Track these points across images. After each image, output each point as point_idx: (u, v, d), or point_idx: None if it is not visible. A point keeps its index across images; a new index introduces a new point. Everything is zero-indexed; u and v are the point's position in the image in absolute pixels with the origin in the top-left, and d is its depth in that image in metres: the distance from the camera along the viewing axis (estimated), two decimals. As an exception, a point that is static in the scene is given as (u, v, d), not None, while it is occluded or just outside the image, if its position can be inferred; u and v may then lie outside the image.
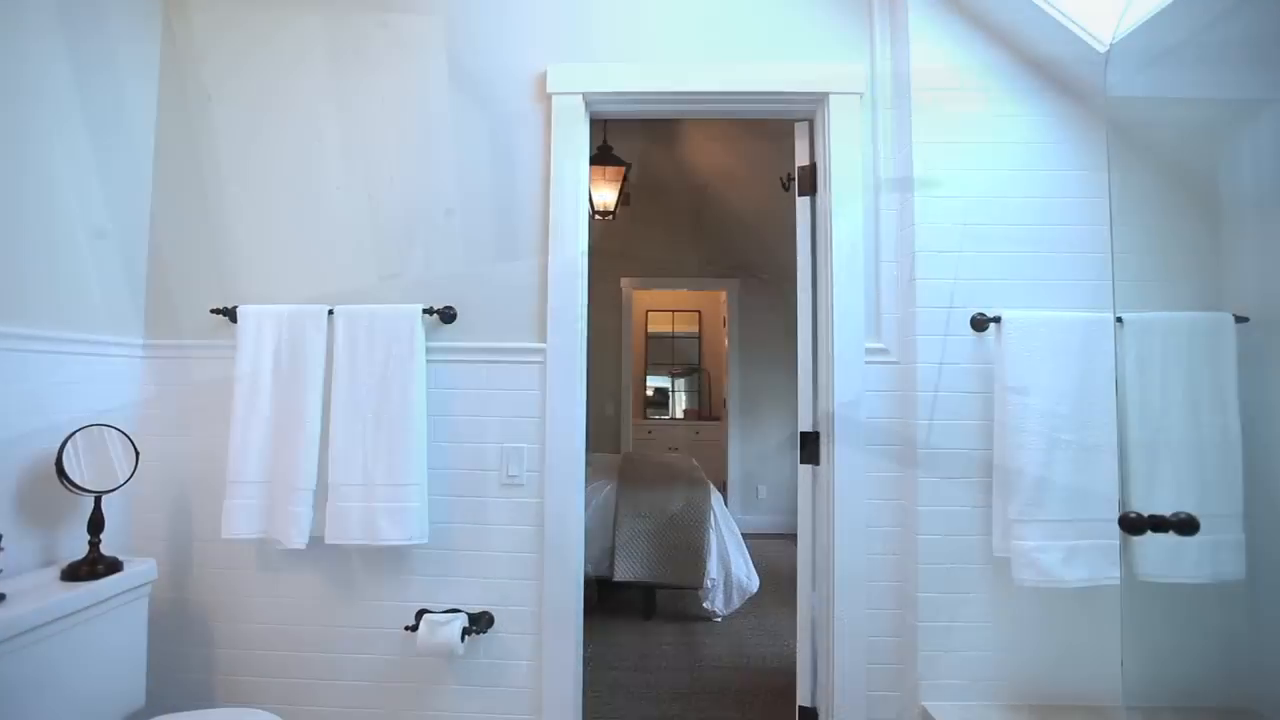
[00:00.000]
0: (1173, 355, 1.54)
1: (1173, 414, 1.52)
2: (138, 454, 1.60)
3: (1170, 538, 1.15)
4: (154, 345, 1.80)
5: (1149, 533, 1.15)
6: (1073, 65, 1.61)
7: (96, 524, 1.50)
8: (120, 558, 1.54)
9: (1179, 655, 1.57)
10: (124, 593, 1.48)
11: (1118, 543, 1.48)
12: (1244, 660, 1.54)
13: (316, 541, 1.67)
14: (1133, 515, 1.17)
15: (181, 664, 1.75)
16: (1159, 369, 1.54)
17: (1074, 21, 1.52)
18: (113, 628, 1.46)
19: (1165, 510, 1.17)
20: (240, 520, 1.65)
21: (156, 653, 1.69)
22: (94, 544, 1.49)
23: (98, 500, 1.51)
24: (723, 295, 5.93)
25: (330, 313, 1.72)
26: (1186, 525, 1.11)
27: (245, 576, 1.76)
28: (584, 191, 1.80)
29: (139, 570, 1.53)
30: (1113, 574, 1.50)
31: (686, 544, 3.14)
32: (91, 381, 1.63)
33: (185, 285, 1.81)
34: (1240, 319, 1.54)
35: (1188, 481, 1.50)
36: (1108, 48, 1.47)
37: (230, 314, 1.74)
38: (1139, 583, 1.49)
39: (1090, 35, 1.51)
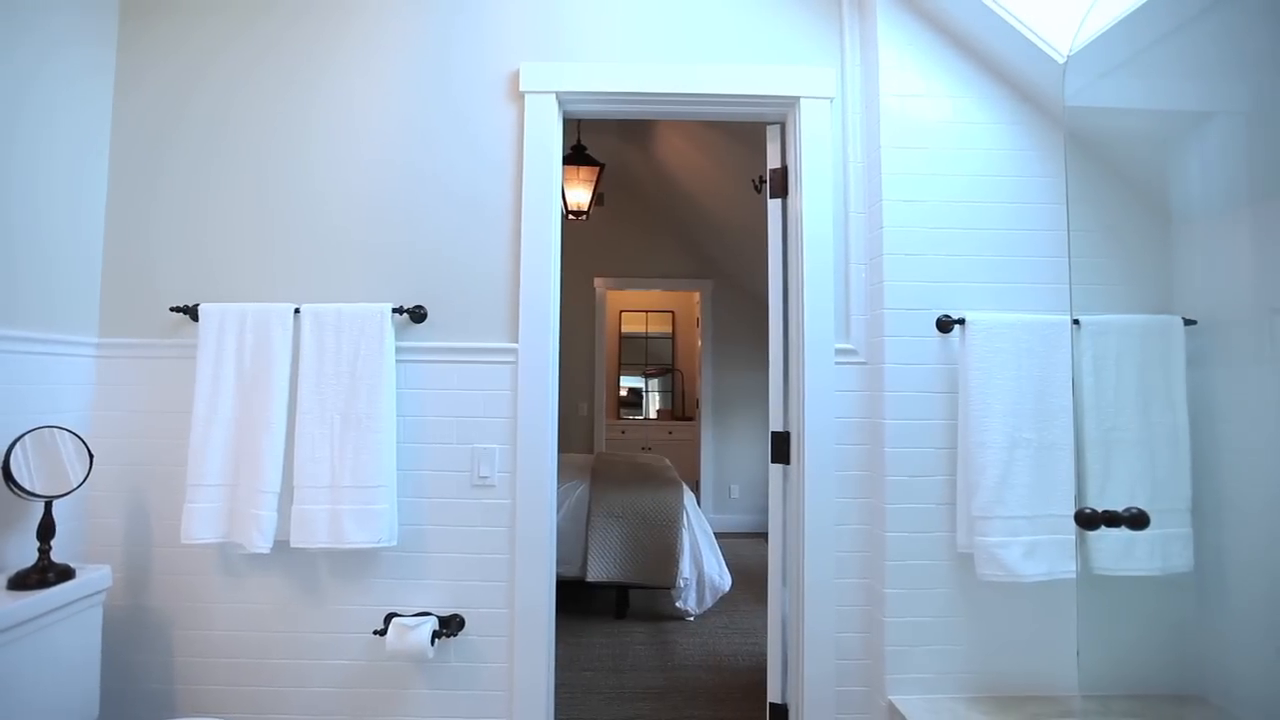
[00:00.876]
0: (1126, 356, 1.60)
1: (1126, 413, 1.58)
2: (91, 457, 1.55)
3: (1123, 532, 1.20)
4: (109, 344, 1.73)
5: (1103, 528, 1.19)
6: (1034, 75, 1.66)
7: (47, 530, 1.44)
8: (72, 565, 1.48)
9: (1132, 645, 1.63)
10: (76, 601, 1.43)
11: (1074, 538, 1.53)
12: (1192, 648, 1.61)
13: (281, 545, 1.63)
14: (1088, 511, 1.21)
15: (139, 673, 1.69)
16: (1113, 370, 1.60)
17: (1034, 33, 1.57)
18: (64, 638, 1.41)
19: (1118, 506, 1.22)
20: (201, 524, 1.60)
21: (112, 662, 1.64)
22: (44, 551, 1.43)
23: (48, 505, 1.45)
24: (696, 296, 5.96)
25: (296, 311, 1.68)
26: (1137, 520, 1.16)
27: (206, 582, 1.71)
28: (557, 191, 1.79)
29: (92, 577, 1.48)
30: (1070, 568, 1.56)
31: (659, 544, 3.15)
32: (42, 381, 1.57)
33: (144, 282, 1.75)
34: (1189, 322, 1.61)
35: (1139, 478, 1.56)
36: (1065, 59, 1.52)
37: (191, 312, 1.70)
38: (1094, 576, 1.55)
39: (1050, 46, 1.56)
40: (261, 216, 1.77)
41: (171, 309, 1.71)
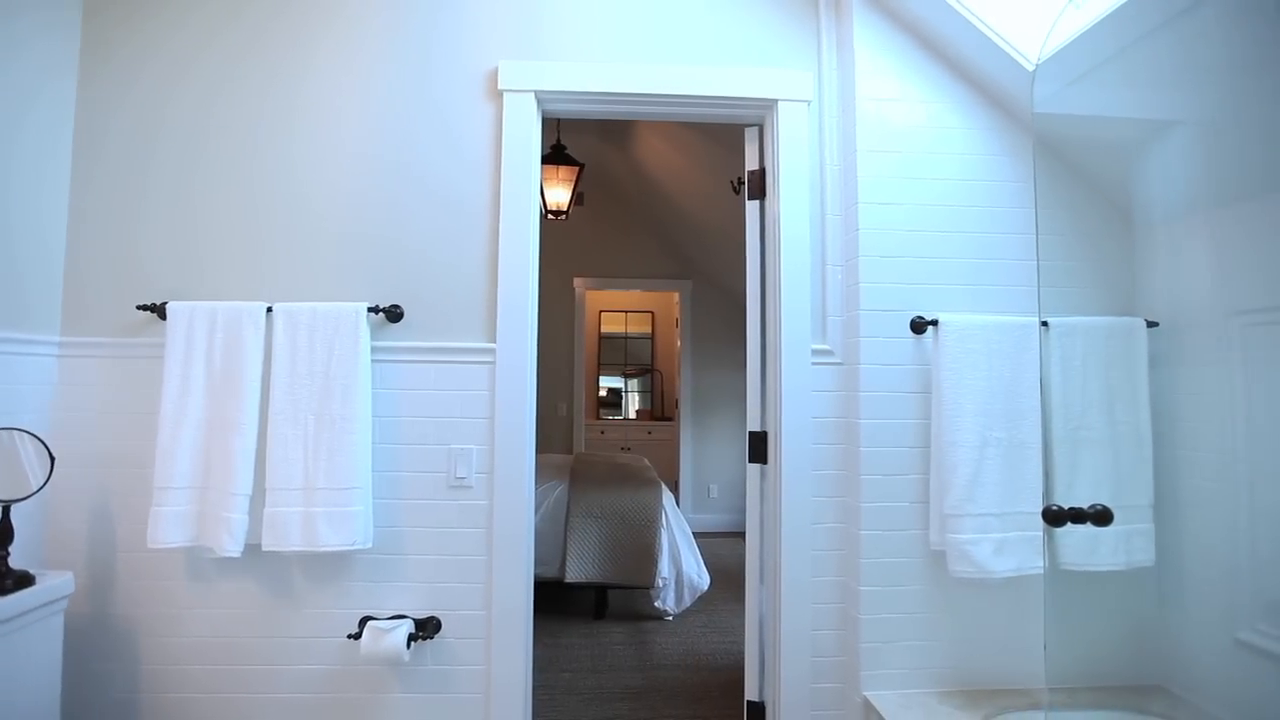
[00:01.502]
0: (1092, 357, 1.64)
1: (1091, 412, 1.63)
2: (53, 459, 1.50)
3: (1088, 528, 1.23)
4: (72, 343, 1.68)
5: (1069, 524, 1.23)
6: (1005, 81, 1.70)
7: (4, 536, 1.39)
8: (32, 571, 1.43)
9: (1097, 638, 1.68)
10: (36, 609, 1.38)
11: (1041, 534, 1.57)
12: (1154, 640, 1.66)
13: (253, 549, 1.60)
14: (1054, 508, 1.25)
15: (103, 683, 1.65)
16: (1079, 370, 1.64)
17: (1005, 40, 1.61)
18: (22, 647, 1.36)
19: (1084, 503, 1.25)
20: (169, 527, 1.56)
21: (74, 672, 1.59)
22: (1, 558, 1.38)
23: (6, 510, 1.40)
24: (676, 296, 5.98)
25: (269, 310, 1.65)
26: (1102, 517, 1.19)
27: (174, 587, 1.67)
28: (535, 191, 1.79)
29: (53, 584, 1.43)
30: (1038, 564, 1.59)
31: (638, 544, 3.15)
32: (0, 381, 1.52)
33: (108, 280, 1.70)
34: (1151, 324, 1.66)
35: (1104, 475, 1.61)
36: (1034, 67, 1.55)
37: (159, 310, 1.65)
38: (1061, 572, 1.59)
39: (1019, 54, 1.60)
40: (234, 214, 1.74)
41: (138, 307, 1.67)
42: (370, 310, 1.67)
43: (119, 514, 1.67)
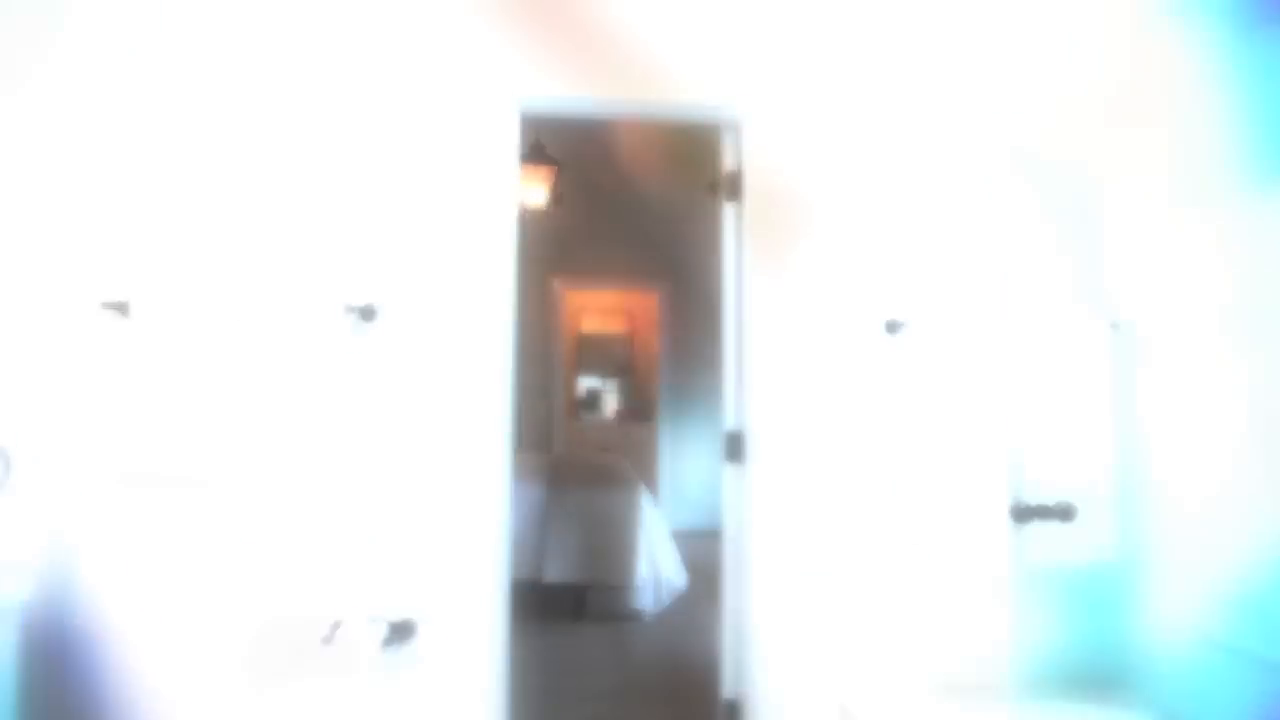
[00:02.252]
0: (1059, 356, 1.68)
1: (1060, 411, 1.67)
2: (9, 463, 1.45)
3: (1053, 525, 1.26)
4: (30, 343, 1.63)
5: (1035, 521, 1.26)
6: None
7: (-43, 541, 1.34)
8: (-15, 579, 1.39)
9: (1063, 633, 1.72)
10: (-10, 618, 1.34)
11: (1009, 531, 1.60)
12: (1117, 634, 1.70)
13: (220, 553, 1.57)
14: (1021, 505, 1.27)
15: (63, 693, 1.59)
16: (1048, 369, 1.68)
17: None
18: (-24, 657, 1.32)
19: (1050, 500, 1.28)
20: (131, 531, 1.52)
21: (32, 683, 1.54)
22: (-48, 564, 1.34)
23: (-41, 515, 1.36)
24: (655, 297, 5.99)
25: (239, 309, 1.62)
26: (1066, 513, 1.22)
27: (139, 593, 1.62)
28: (514, 189, 1.78)
29: (6, 593, 1.38)
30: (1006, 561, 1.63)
31: (616, 544, 3.15)
32: (-48, 382, 1.46)
33: (71, 277, 1.65)
34: (1118, 323, 1.71)
35: (1071, 473, 1.64)
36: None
37: (124, 309, 1.61)
38: (1028, 568, 1.62)
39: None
40: (201, 207, 1.69)
41: (103, 305, 1.62)
42: (345, 309, 1.64)
43: (79, 518, 1.62)
